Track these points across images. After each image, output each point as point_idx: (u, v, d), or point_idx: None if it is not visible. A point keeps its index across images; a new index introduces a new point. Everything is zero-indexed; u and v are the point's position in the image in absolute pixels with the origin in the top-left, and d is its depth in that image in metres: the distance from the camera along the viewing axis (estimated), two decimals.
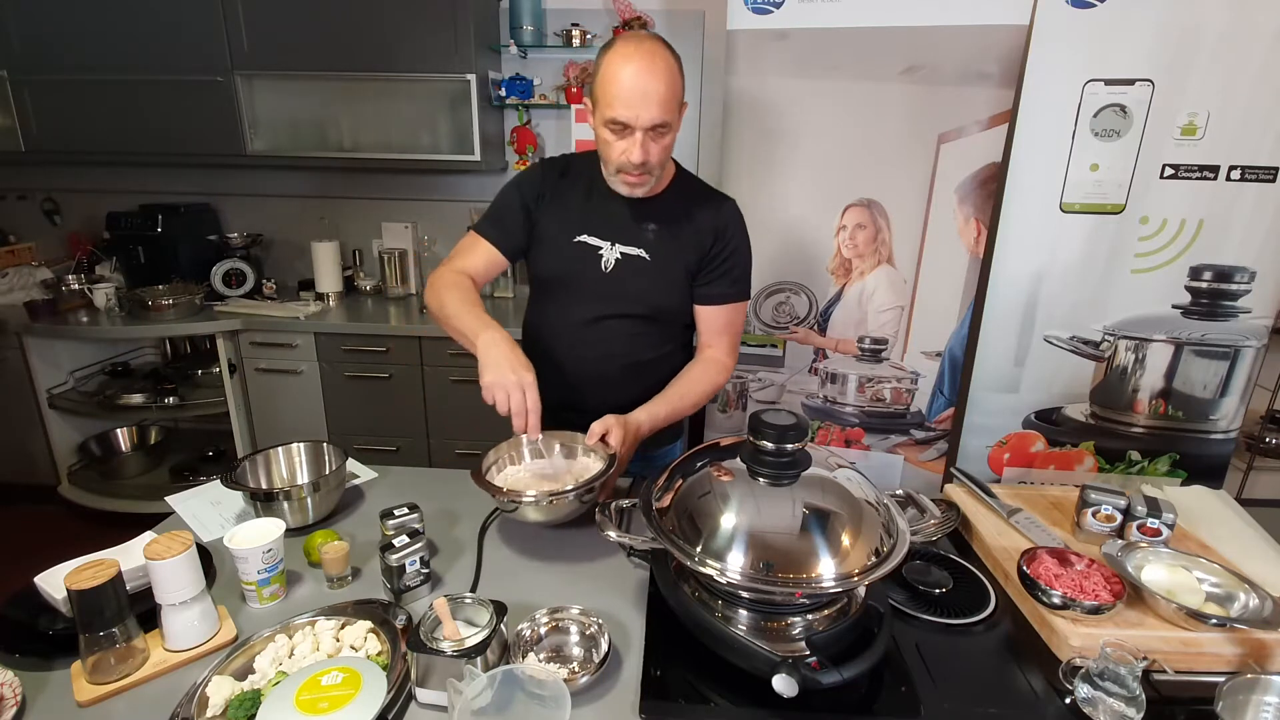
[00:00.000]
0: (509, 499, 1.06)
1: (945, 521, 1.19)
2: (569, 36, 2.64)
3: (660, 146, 1.16)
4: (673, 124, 1.16)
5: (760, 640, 0.82)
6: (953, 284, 1.97)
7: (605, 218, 1.29)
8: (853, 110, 1.91)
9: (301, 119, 2.63)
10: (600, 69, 1.14)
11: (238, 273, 2.82)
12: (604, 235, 1.29)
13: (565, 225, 1.30)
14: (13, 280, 2.75)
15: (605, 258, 1.29)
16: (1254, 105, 1.70)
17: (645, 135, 1.13)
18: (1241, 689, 0.79)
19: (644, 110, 1.11)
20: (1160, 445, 1.99)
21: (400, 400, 2.58)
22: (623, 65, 1.11)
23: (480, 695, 0.74)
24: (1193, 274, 1.84)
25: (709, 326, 1.35)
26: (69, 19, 2.51)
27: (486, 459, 1.17)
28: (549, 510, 1.09)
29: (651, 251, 1.28)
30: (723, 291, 1.32)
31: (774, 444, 0.86)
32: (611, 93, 1.12)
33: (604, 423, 1.16)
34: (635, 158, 1.14)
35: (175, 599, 0.86)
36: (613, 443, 1.14)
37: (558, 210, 1.31)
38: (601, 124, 1.16)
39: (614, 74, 1.11)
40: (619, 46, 1.13)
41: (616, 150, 1.16)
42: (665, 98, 1.11)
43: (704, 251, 1.30)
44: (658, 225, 1.29)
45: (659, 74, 1.11)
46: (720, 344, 1.35)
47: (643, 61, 1.10)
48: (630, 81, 1.10)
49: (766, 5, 1.86)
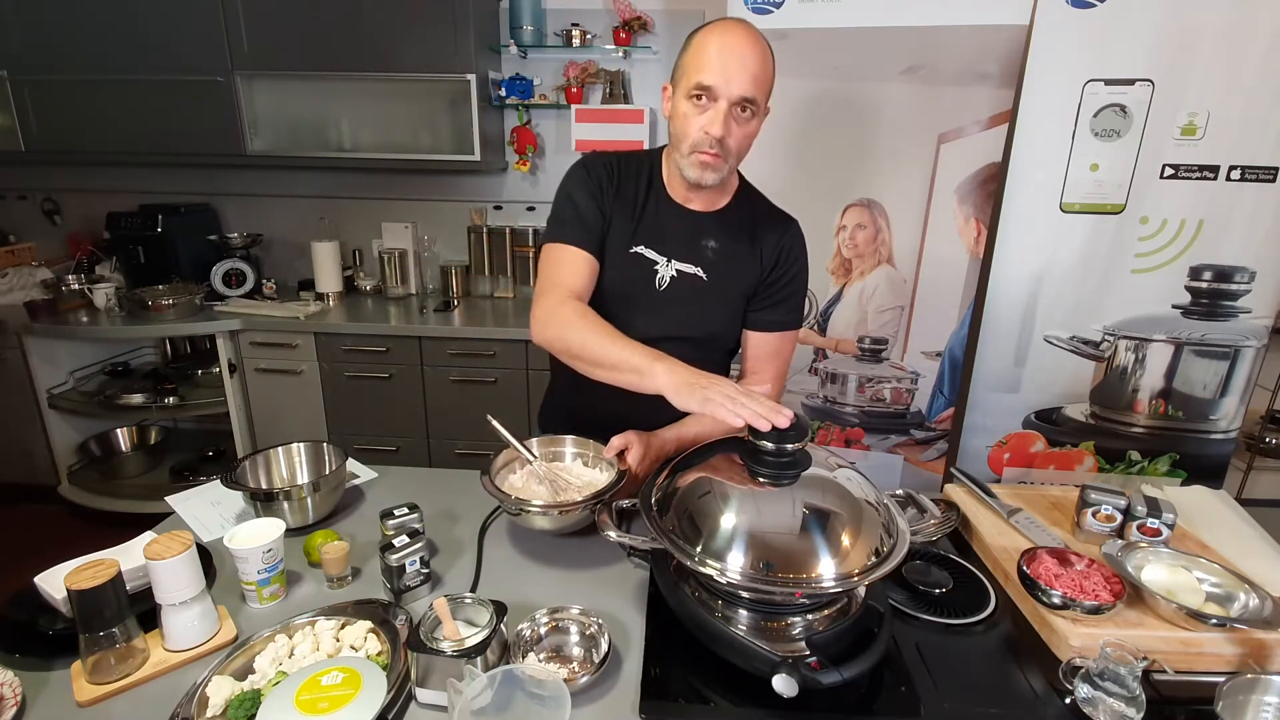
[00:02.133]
0: (517, 506, 1.05)
1: (945, 521, 1.18)
2: (569, 36, 2.64)
3: (742, 131, 1.08)
4: (759, 107, 1.08)
5: (760, 640, 0.82)
6: (953, 284, 1.97)
7: (663, 230, 1.19)
8: (853, 110, 1.91)
9: (301, 119, 2.63)
10: (690, 45, 1.08)
11: (238, 273, 2.82)
12: (661, 249, 1.19)
13: (623, 233, 1.19)
14: (13, 280, 2.75)
15: (661, 274, 1.19)
16: (1254, 105, 1.70)
17: (730, 109, 1.05)
18: (1241, 689, 0.79)
19: (736, 76, 1.03)
20: (1160, 445, 1.99)
21: (400, 400, 2.58)
22: (720, 34, 1.05)
23: (480, 695, 0.74)
24: (1193, 274, 1.84)
25: (757, 353, 1.25)
26: (69, 19, 2.51)
27: (496, 461, 1.15)
28: (556, 520, 1.08)
29: (710, 271, 1.19)
30: (776, 319, 1.24)
31: (774, 444, 0.86)
32: (702, 59, 1.05)
33: (624, 438, 1.11)
34: (716, 130, 1.05)
35: (175, 599, 0.86)
36: (630, 460, 1.10)
37: (620, 212, 1.19)
38: (684, 96, 1.07)
39: (707, 42, 1.05)
40: (716, 23, 1.07)
41: (696, 124, 1.07)
42: (758, 73, 1.04)
43: (763, 275, 1.21)
44: (717, 243, 1.19)
45: (756, 49, 1.05)
46: (767, 372, 1.25)
47: (742, 33, 1.05)
48: (726, 48, 1.03)
49: (766, 5, 1.86)
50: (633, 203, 1.20)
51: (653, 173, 1.21)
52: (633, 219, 1.20)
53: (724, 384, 0.92)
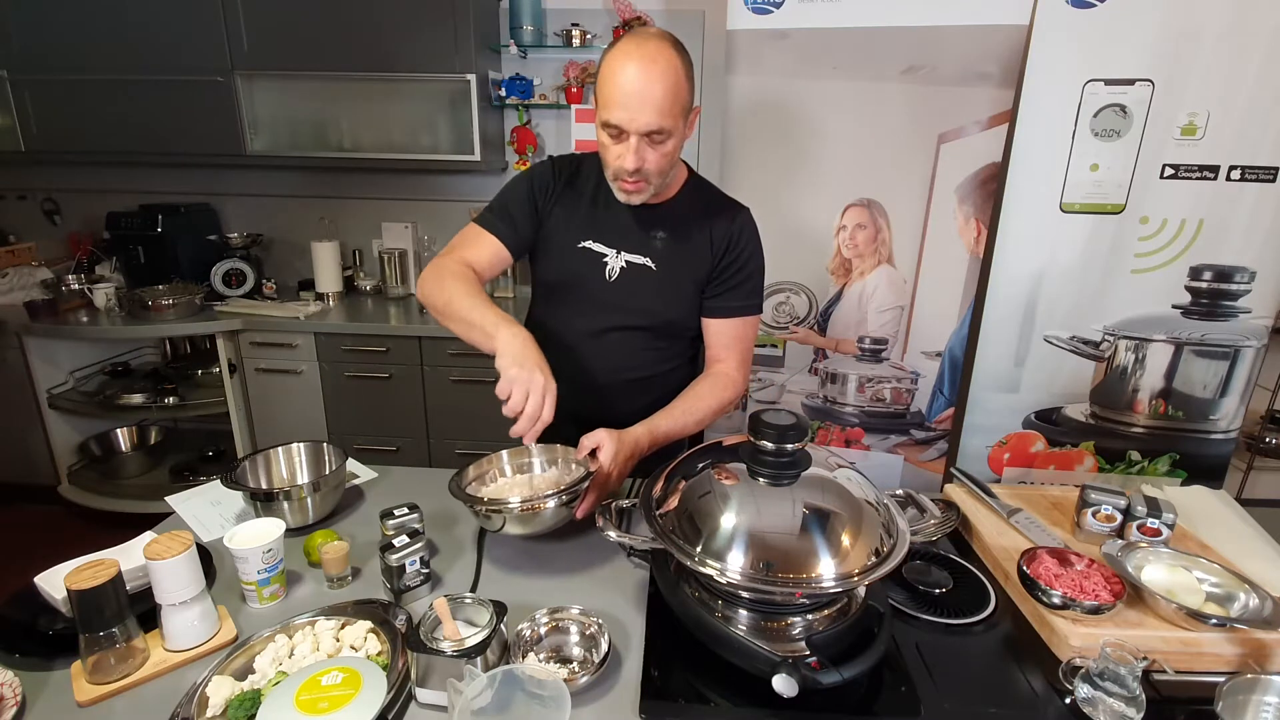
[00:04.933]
0: (488, 510, 1.02)
1: (945, 521, 1.18)
2: (569, 36, 2.64)
3: (659, 154, 1.10)
4: (673, 130, 1.09)
5: (760, 640, 0.82)
6: (953, 284, 1.97)
7: (612, 224, 1.24)
8: (853, 110, 1.91)
9: (301, 119, 2.63)
10: (600, 69, 1.09)
11: (238, 273, 2.82)
12: (609, 242, 1.24)
13: (570, 229, 1.25)
14: (13, 280, 2.75)
15: (610, 266, 1.24)
16: (1254, 105, 1.70)
17: (640, 141, 1.08)
18: (1241, 689, 0.79)
19: (639, 114, 1.05)
20: (1160, 445, 1.99)
21: (400, 400, 2.58)
22: (620, 66, 1.05)
23: (480, 695, 0.74)
24: (1193, 274, 1.84)
25: (718, 340, 1.29)
26: (69, 19, 2.52)
27: (468, 473, 1.13)
28: (528, 521, 1.05)
29: (659, 261, 1.23)
30: (733, 305, 1.27)
31: (774, 444, 0.86)
32: (607, 94, 1.07)
33: (594, 437, 1.10)
34: (628, 164, 1.09)
35: (175, 599, 0.86)
36: (602, 459, 1.08)
37: (564, 212, 1.26)
38: (599, 124, 1.11)
39: (611, 75, 1.06)
40: (619, 45, 1.07)
41: (612, 155, 1.11)
42: (663, 103, 1.05)
43: (714, 262, 1.24)
44: (666, 234, 1.23)
45: (657, 77, 1.04)
46: (730, 358, 1.29)
47: (641, 63, 1.04)
48: (626, 84, 1.04)
49: (766, 5, 1.85)
50: (584, 200, 1.26)
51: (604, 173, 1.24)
52: (583, 215, 1.25)
53: (536, 379, 0.99)
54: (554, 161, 1.29)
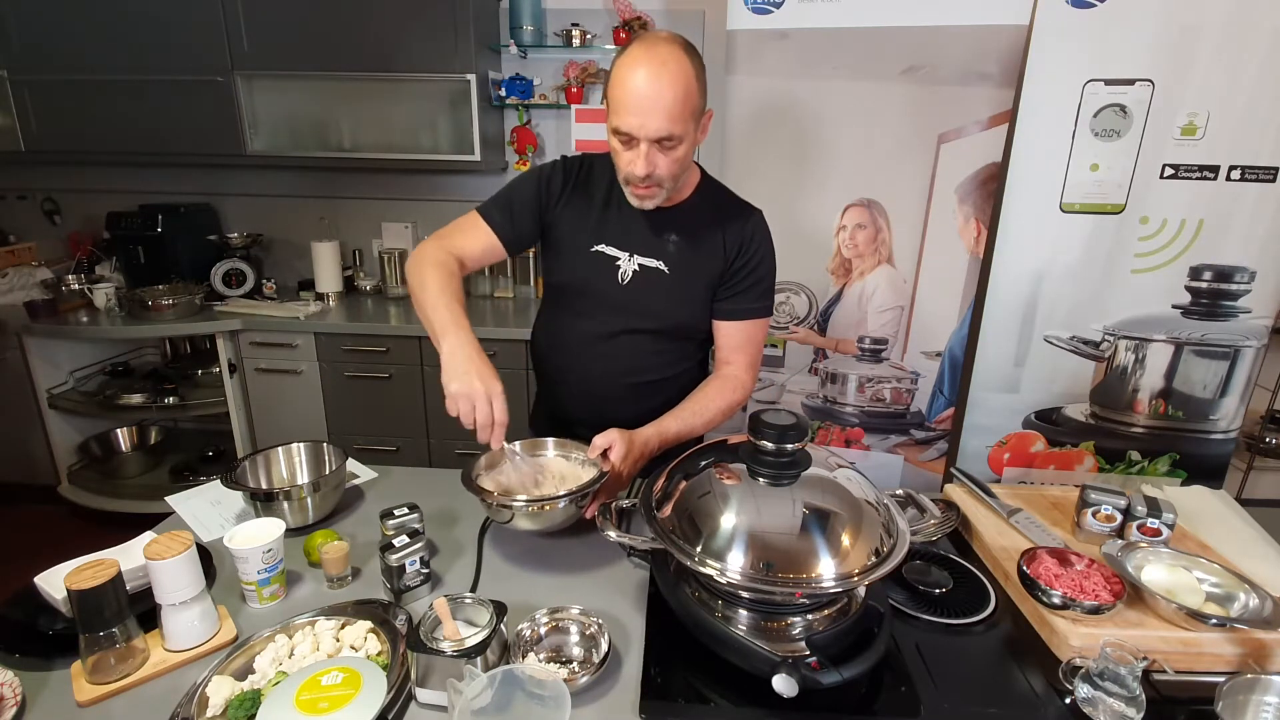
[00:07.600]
0: (499, 503, 1.04)
1: (945, 521, 1.18)
2: (569, 36, 2.64)
3: (670, 159, 1.10)
4: (684, 136, 1.09)
5: (760, 640, 0.82)
6: (953, 284, 1.97)
7: (624, 227, 1.23)
8: (853, 110, 1.91)
9: (301, 119, 2.63)
10: (611, 74, 1.09)
11: (238, 273, 2.82)
12: (622, 246, 1.23)
13: (582, 232, 1.24)
14: (13, 280, 2.75)
15: (623, 269, 1.23)
16: (1254, 105, 1.70)
17: (651, 147, 1.07)
18: (1241, 689, 0.79)
19: (649, 121, 1.05)
20: (1160, 445, 1.99)
21: (400, 400, 2.58)
22: (630, 72, 1.04)
23: (480, 695, 0.74)
24: (1193, 274, 1.84)
25: (728, 343, 1.29)
26: (69, 19, 2.51)
27: (479, 465, 1.15)
28: (539, 517, 1.07)
29: (671, 264, 1.23)
30: (744, 307, 1.27)
31: (774, 444, 0.86)
32: (618, 100, 1.06)
33: (607, 436, 1.11)
34: (639, 170, 1.09)
35: (175, 599, 0.86)
36: (614, 458, 1.10)
37: (576, 215, 1.25)
38: (611, 130, 1.11)
39: (621, 80, 1.06)
40: (630, 51, 1.06)
41: (624, 160, 1.11)
42: (674, 109, 1.04)
43: (727, 265, 1.24)
44: (679, 237, 1.23)
45: (667, 83, 1.03)
46: (739, 361, 1.29)
47: (651, 69, 1.03)
48: (636, 90, 1.04)
49: (766, 5, 1.85)
50: (595, 202, 1.25)
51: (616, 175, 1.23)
52: (595, 218, 1.24)
53: (477, 389, 1.00)
54: (564, 163, 1.28)
